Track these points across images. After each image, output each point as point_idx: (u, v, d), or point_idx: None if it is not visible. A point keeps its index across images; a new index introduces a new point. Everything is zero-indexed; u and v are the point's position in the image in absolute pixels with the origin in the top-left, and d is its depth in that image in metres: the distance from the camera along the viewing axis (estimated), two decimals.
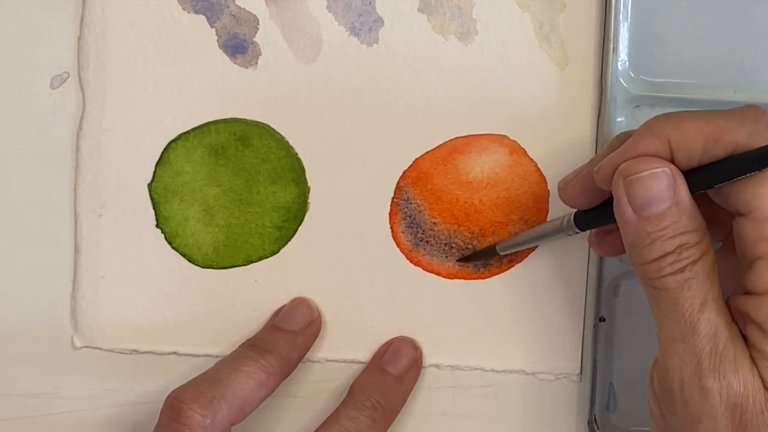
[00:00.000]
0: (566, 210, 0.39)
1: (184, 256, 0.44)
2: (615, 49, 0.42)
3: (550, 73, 0.43)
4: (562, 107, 0.43)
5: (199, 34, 0.43)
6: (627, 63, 0.42)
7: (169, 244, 0.44)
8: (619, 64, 0.42)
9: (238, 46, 0.43)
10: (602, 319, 0.43)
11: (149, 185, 0.44)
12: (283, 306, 0.43)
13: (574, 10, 0.43)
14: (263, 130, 0.43)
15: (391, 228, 0.44)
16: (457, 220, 0.44)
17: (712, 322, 0.33)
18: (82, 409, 0.44)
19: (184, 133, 0.43)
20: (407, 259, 0.44)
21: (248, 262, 0.44)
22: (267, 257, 0.44)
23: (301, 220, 0.44)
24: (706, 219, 0.34)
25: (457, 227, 0.44)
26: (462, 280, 0.44)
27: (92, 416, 0.44)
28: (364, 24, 0.43)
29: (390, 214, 0.44)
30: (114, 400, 0.44)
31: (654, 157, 0.34)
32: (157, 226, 0.44)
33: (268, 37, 0.43)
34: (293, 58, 0.43)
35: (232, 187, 0.44)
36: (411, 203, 0.44)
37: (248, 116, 0.43)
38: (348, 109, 0.43)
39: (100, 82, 0.43)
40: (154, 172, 0.44)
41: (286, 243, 0.44)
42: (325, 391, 0.44)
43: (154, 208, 0.44)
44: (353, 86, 0.43)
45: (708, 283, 0.33)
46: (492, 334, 0.44)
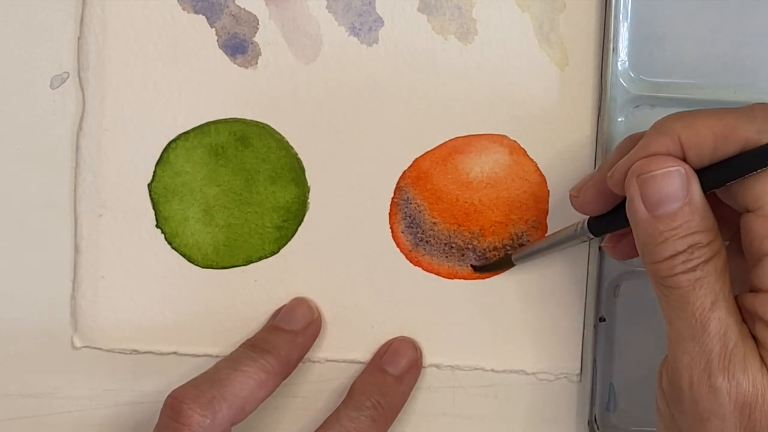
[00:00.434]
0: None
1: (184, 256, 0.44)
2: (615, 49, 0.42)
3: (550, 73, 0.43)
4: (562, 107, 0.43)
5: (199, 34, 0.43)
6: (627, 63, 0.42)
7: (169, 244, 0.44)
8: (619, 64, 0.42)
9: (238, 46, 0.43)
10: (602, 319, 0.43)
11: (149, 185, 0.44)
12: (283, 306, 0.43)
13: (574, 10, 0.43)
14: (263, 130, 0.43)
15: (391, 228, 0.44)
16: (457, 220, 0.44)
17: (722, 321, 0.33)
18: (82, 409, 0.44)
19: (184, 133, 0.43)
20: (407, 259, 0.44)
21: (248, 262, 0.44)
22: (267, 257, 0.44)
23: (301, 220, 0.44)
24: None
25: (457, 227, 0.44)
26: (462, 280, 0.44)
27: (92, 416, 0.44)
28: (364, 24, 0.43)
29: (390, 214, 0.44)
30: (114, 400, 0.44)
31: (668, 156, 0.34)
32: (157, 226, 0.44)
33: (268, 37, 0.43)
34: (293, 58, 0.43)
35: (232, 187, 0.44)
36: (411, 203, 0.44)
37: (248, 116, 0.43)
38: (348, 109, 0.43)
39: (100, 82, 0.43)
40: (154, 172, 0.44)
41: (286, 243, 0.44)
42: (325, 391, 0.44)
43: (154, 208, 0.44)
44: (353, 86, 0.43)
45: (719, 282, 0.33)
46: (492, 334, 0.44)
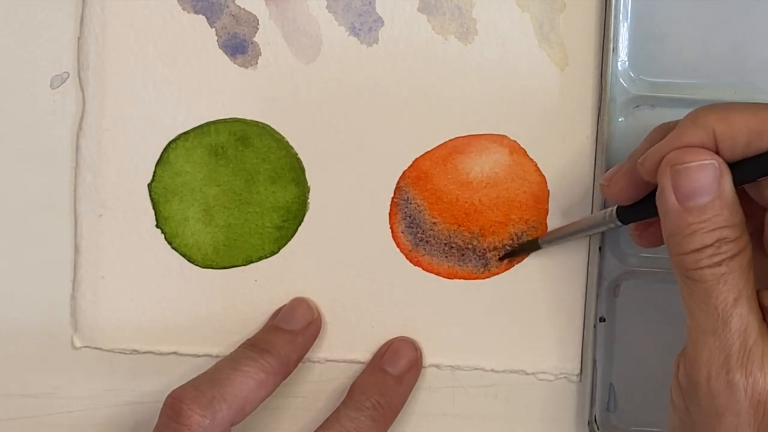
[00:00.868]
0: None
1: (184, 256, 0.44)
2: (615, 49, 0.42)
3: (550, 73, 0.43)
4: (562, 107, 0.43)
5: (199, 34, 0.43)
6: (627, 63, 0.42)
7: (169, 244, 0.44)
8: (619, 64, 0.42)
9: (238, 46, 0.43)
10: (602, 319, 0.43)
11: (149, 185, 0.44)
12: (283, 306, 0.43)
13: (574, 10, 0.43)
14: (263, 130, 0.43)
15: (391, 228, 0.44)
16: (457, 220, 0.44)
17: (743, 318, 0.33)
18: (82, 409, 0.44)
19: (184, 133, 0.43)
20: (407, 259, 0.44)
21: (248, 262, 0.44)
22: (267, 257, 0.44)
23: (301, 220, 0.44)
24: None
25: (457, 227, 0.44)
26: (462, 280, 0.44)
27: (92, 416, 0.44)
28: (364, 24, 0.43)
29: (390, 214, 0.44)
30: (114, 400, 0.44)
31: (702, 149, 0.34)
32: (157, 226, 0.44)
33: (268, 37, 0.43)
34: (293, 58, 0.43)
35: (232, 187, 0.44)
36: (411, 203, 0.44)
37: (248, 116, 0.43)
38: (348, 109, 0.43)
39: (100, 82, 0.43)
40: (154, 172, 0.44)
41: (286, 243, 0.44)
42: (325, 391, 0.44)
43: (154, 208, 0.44)
44: (353, 86, 0.43)
45: (743, 279, 0.33)
46: (492, 334, 0.44)
